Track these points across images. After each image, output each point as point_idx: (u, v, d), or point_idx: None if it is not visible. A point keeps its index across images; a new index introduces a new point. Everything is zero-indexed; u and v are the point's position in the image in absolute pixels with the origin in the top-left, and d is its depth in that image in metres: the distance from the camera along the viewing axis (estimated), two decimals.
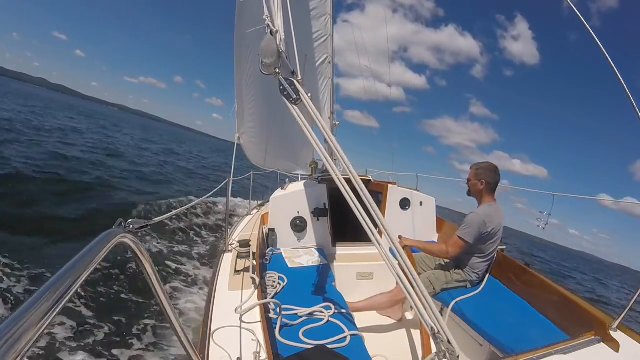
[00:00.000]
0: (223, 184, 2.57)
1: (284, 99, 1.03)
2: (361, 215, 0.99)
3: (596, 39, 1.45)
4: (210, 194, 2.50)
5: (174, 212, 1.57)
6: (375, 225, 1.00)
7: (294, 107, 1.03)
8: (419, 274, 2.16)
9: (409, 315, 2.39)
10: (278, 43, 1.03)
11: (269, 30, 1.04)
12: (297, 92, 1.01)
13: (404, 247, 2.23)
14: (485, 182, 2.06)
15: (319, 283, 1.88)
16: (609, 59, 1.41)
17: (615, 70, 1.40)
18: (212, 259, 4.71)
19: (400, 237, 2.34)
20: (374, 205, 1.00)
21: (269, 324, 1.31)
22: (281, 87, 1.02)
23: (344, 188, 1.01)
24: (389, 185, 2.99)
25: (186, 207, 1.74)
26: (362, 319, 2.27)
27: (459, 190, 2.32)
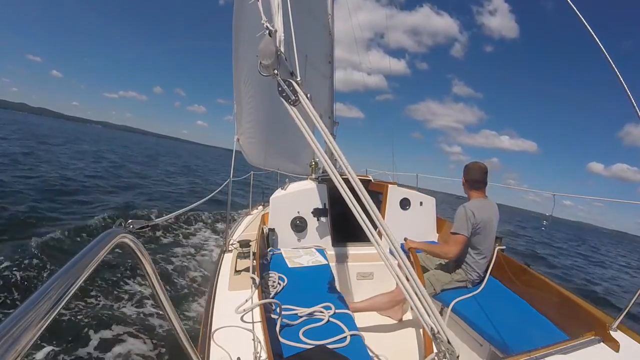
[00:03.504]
0: (224, 185, 2.58)
1: (283, 100, 1.03)
2: (360, 216, 0.99)
3: (575, 9, 1.45)
4: (211, 195, 2.50)
5: (174, 213, 1.57)
6: (375, 226, 1.00)
7: (293, 108, 1.03)
8: (425, 272, 2.17)
9: (409, 316, 2.39)
10: (277, 44, 1.03)
11: (267, 31, 1.03)
12: (295, 93, 1.01)
13: (409, 249, 2.24)
14: (465, 180, 2.18)
15: (319, 283, 1.88)
16: (592, 32, 1.41)
17: (600, 44, 1.40)
18: (212, 259, 4.71)
19: (405, 239, 2.36)
20: (373, 206, 1.00)
21: (269, 324, 1.31)
22: (279, 89, 1.02)
23: (343, 189, 1.01)
24: (389, 185, 2.99)
25: (187, 208, 1.74)
26: (362, 319, 2.27)
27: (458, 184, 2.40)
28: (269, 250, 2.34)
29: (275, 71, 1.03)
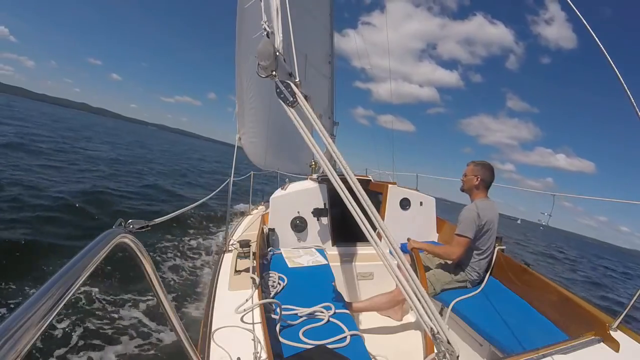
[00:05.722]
0: (224, 184, 2.58)
1: (281, 101, 1.03)
2: (359, 217, 0.99)
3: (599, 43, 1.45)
4: (211, 195, 2.51)
5: (174, 212, 1.57)
6: (374, 227, 1.01)
7: (291, 109, 1.03)
8: (427, 271, 2.17)
9: (409, 316, 2.40)
10: (275, 45, 1.03)
11: (266, 32, 1.04)
12: (293, 94, 1.01)
13: (412, 249, 2.24)
14: (480, 179, 2.14)
15: (319, 283, 1.89)
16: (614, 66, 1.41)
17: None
18: (212, 259, 4.72)
19: (408, 239, 2.37)
20: (372, 207, 1.00)
21: (269, 324, 1.31)
22: (277, 90, 1.02)
23: (342, 190, 1.01)
24: (389, 185, 3.00)
25: (187, 208, 1.74)
26: (362, 319, 2.28)
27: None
28: (269, 250, 2.34)
29: (274, 72, 1.03)
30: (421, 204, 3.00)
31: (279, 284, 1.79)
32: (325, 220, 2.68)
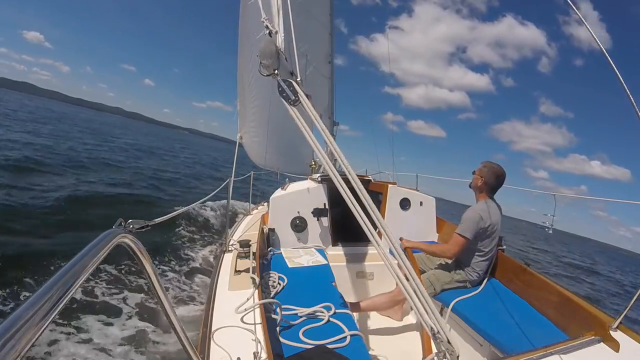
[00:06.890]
0: (224, 184, 2.58)
1: (283, 100, 1.03)
2: (360, 217, 0.99)
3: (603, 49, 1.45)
4: (212, 194, 2.50)
5: (174, 212, 1.57)
6: (375, 226, 1.00)
7: (293, 108, 1.03)
8: (422, 273, 2.16)
9: (409, 316, 2.40)
10: (277, 44, 1.03)
11: (268, 32, 1.04)
12: (295, 93, 1.01)
13: (405, 249, 2.23)
14: (484, 181, 2.12)
15: (319, 283, 1.88)
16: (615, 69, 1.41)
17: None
18: (212, 259, 4.71)
19: (401, 238, 2.35)
20: (373, 206, 1.00)
21: (269, 324, 1.31)
22: (280, 89, 1.02)
23: (343, 189, 1.01)
24: (389, 185, 2.99)
25: (187, 207, 1.74)
26: (362, 319, 2.28)
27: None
28: (269, 250, 2.34)
29: (276, 71, 1.03)
30: (421, 204, 3.00)
31: (279, 284, 1.79)
32: (325, 220, 2.68)
